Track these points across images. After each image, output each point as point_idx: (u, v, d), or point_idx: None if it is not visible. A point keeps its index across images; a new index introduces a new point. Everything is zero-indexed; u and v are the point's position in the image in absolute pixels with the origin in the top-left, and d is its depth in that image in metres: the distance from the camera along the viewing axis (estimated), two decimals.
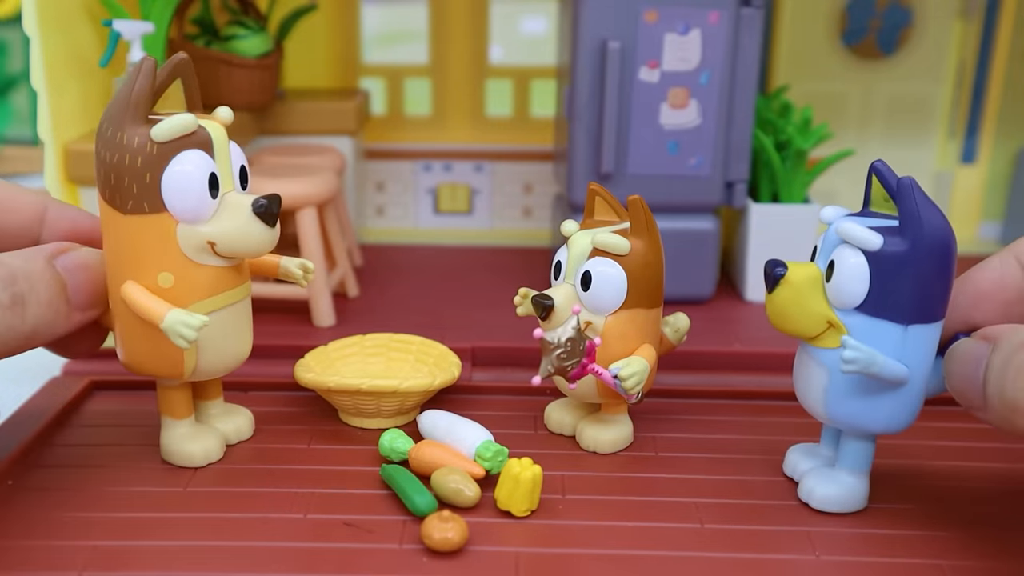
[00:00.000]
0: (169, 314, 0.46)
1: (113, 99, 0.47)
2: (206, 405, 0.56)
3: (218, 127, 0.49)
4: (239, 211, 0.48)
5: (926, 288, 0.45)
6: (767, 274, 0.48)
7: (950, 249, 0.45)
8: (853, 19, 0.89)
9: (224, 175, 0.48)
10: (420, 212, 0.97)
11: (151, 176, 0.46)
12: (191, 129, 0.46)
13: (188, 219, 0.47)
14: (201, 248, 0.48)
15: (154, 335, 0.48)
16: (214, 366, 0.51)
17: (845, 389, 0.48)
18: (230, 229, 0.47)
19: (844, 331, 0.47)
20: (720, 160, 0.74)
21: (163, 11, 0.70)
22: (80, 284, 0.49)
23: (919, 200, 0.45)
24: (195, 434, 0.53)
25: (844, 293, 0.46)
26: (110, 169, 0.46)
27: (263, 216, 0.47)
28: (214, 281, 0.49)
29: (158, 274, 0.47)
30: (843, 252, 0.46)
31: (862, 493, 0.50)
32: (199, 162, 0.47)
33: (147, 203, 0.46)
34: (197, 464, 0.53)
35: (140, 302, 0.47)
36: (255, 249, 0.48)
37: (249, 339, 0.53)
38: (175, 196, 0.46)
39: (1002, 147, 0.94)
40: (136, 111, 0.46)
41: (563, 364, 0.51)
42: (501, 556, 0.46)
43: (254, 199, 0.48)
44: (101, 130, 0.47)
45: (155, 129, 0.46)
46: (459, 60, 0.96)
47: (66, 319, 0.48)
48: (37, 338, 0.47)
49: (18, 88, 1.30)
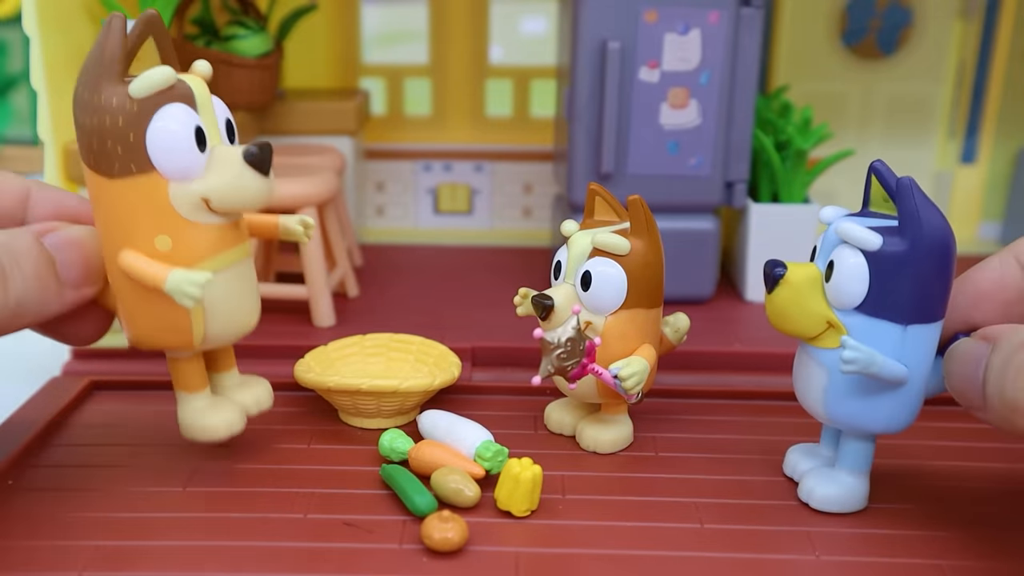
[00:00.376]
0: (171, 274, 0.44)
1: (85, 62, 0.45)
2: (221, 377, 0.53)
3: (198, 81, 0.47)
4: (230, 163, 0.46)
5: (925, 288, 0.45)
6: (766, 274, 0.48)
7: (949, 249, 0.45)
8: (853, 19, 0.89)
9: (210, 129, 0.46)
10: (420, 212, 0.97)
11: (135, 135, 0.44)
12: (170, 83, 0.45)
13: (178, 176, 0.45)
14: (196, 206, 0.46)
15: (159, 304, 0.46)
16: (223, 332, 0.49)
17: (845, 389, 0.48)
18: (223, 182, 0.46)
19: (844, 331, 0.47)
20: (720, 160, 0.74)
21: (163, 11, 0.70)
22: (71, 260, 0.47)
23: (918, 200, 0.45)
24: (214, 406, 0.51)
25: (843, 293, 0.46)
26: (91, 133, 0.45)
27: (255, 164, 0.46)
28: (213, 240, 0.47)
29: (155, 238, 0.46)
30: (842, 252, 0.46)
31: (862, 493, 0.50)
32: (183, 116, 0.45)
33: (134, 164, 0.45)
34: (220, 437, 0.50)
35: (140, 268, 0.45)
36: (251, 200, 0.47)
37: (256, 304, 0.51)
38: (162, 153, 0.45)
39: (1002, 147, 0.94)
40: (111, 70, 0.44)
41: (563, 364, 0.51)
42: (501, 556, 0.46)
43: (244, 148, 0.46)
44: (77, 95, 0.45)
45: (132, 85, 0.44)
46: (459, 60, 0.96)
47: (57, 296, 0.47)
48: (25, 315, 0.46)
49: (18, 88, 1.30)
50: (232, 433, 0.51)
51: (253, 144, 0.46)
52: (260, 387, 0.54)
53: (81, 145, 0.46)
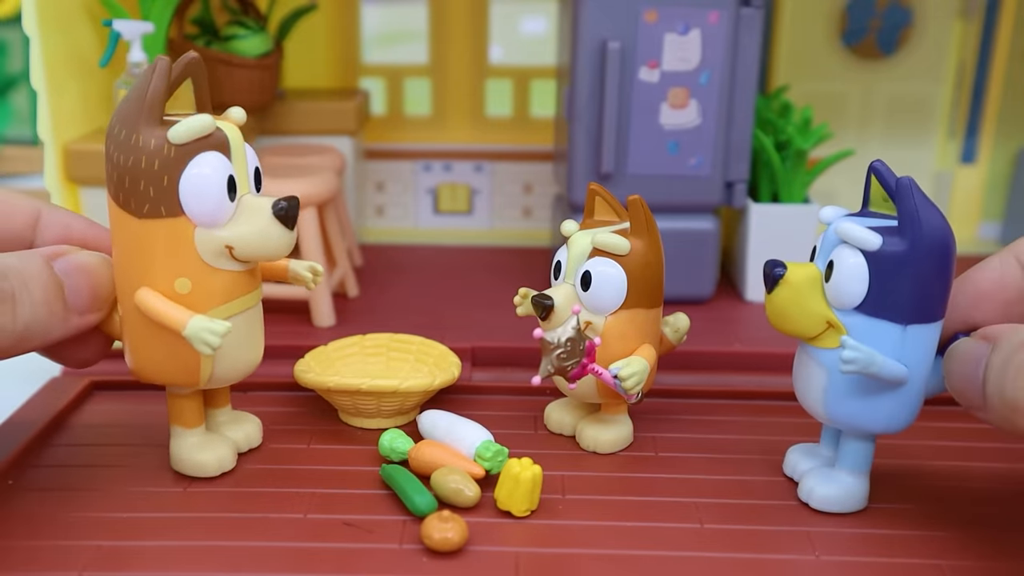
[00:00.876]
0: (192, 321, 0.45)
1: (125, 100, 0.46)
2: (214, 413, 0.55)
3: (233, 128, 0.48)
4: (259, 214, 0.47)
5: (925, 288, 0.45)
6: (766, 274, 0.48)
7: (949, 249, 0.45)
8: (853, 19, 0.89)
9: (241, 177, 0.47)
10: (420, 212, 0.97)
11: (168, 179, 0.45)
12: (209, 131, 0.46)
13: (206, 223, 0.46)
14: (219, 252, 0.47)
15: (169, 342, 0.47)
16: (229, 373, 0.50)
17: (844, 389, 0.48)
18: (249, 233, 0.46)
19: (843, 331, 0.47)
20: (720, 160, 0.74)
21: (163, 11, 0.70)
22: (79, 287, 0.48)
23: (918, 200, 0.45)
24: (207, 443, 0.52)
25: (843, 293, 0.46)
26: (124, 172, 0.45)
27: (283, 219, 0.47)
28: (231, 286, 0.48)
29: (175, 280, 0.46)
30: (842, 252, 0.46)
31: (862, 493, 0.50)
32: (217, 164, 0.46)
33: (164, 207, 0.45)
34: (210, 474, 0.52)
35: (159, 309, 0.46)
36: (274, 253, 0.47)
37: (261, 344, 0.52)
38: (193, 199, 0.45)
39: (1002, 147, 0.94)
40: (151, 112, 0.45)
41: (563, 364, 0.51)
42: (501, 556, 0.46)
43: (273, 201, 0.47)
44: (113, 133, 0.45)
45: (172, 131, 0.45)
46: (459, 60, 0.96)
47: (63, 322, 0.47)
48: (31, 339, 0.46)
49: (18, 88, 1.30)
50: (222, 470, 0.52)
51: (283, 199, 0.47)
52: (251, 425, 0.55)
53: (111, 181, 0.46)
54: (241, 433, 0.55)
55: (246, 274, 0.48)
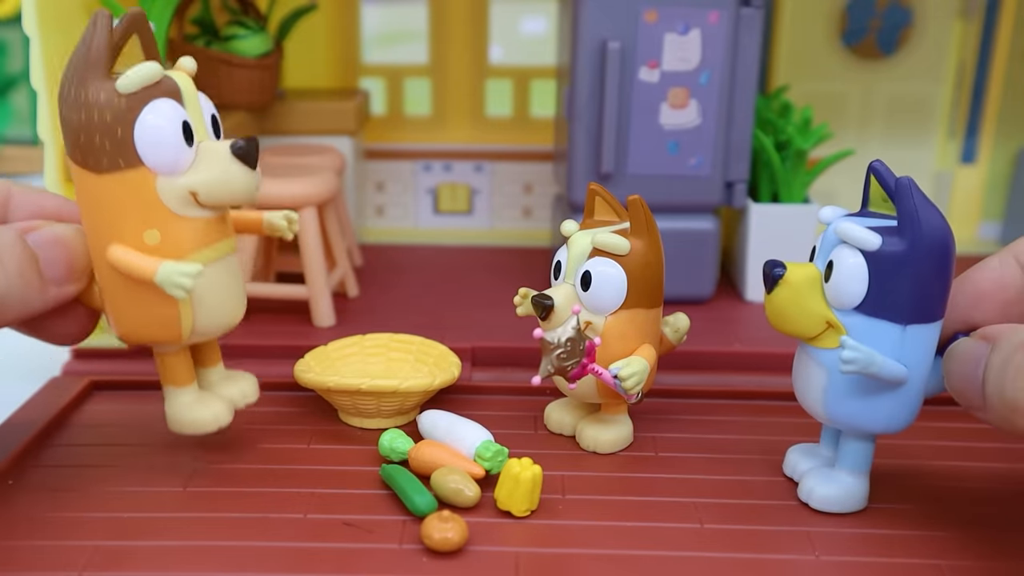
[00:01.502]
0: (162, 266, 0.45)
1: (70, 58, 0.45)
2: (207, 372, 0.54)
3: (184, 76, 0.47)
4: (218, 157, 0.46)
5: (925, 288, 0.45)
6: (766, 274, 0.48)
7: (949, 249, 0.45)
8: (853, 19, 0.89)
9: (197, 124, 0.47)
10: (420, 212, 0.97)
11: (122, 130, 0.45)
12: (157, 78, 0.45)
13: (167, 171, 0.46)
14: (184, 200, 0.46)
15: (148, 298, 0.47)
16: (210, 325, 0.49)
17: (844, 389, 0.48)
18: (212, 176, 0.46)
19: (843, 331, 0.47)
20: (720, 160, 0.74)
21: (163, 11, 0.70)
22: (54, 257, 0.47)
23: (917, 200, 0.45)
24: (201, 399, 0.51)
25: (843, 293, 0.46)
26: (78, 129, 0.45)
27: (243, 157, 0.46)
28: (200, 234, 0.47)
29: (143, 232, 0.46)
30: (842, 252, 0.46)
31: (862, 493, 0.50)
32: (170, 111, 0.45)
33: (122, 159, 0.45)
34: (208, 430, 0.51)
35: (130, 262, 0.46)
36: (239, 194, 0.47)
37: (243, 298, 0.51)
38: (150, 148, 0.45)
39: (1002, 147, 0.94)
40: (97, 66, 0.44)
41: (563, 364, 0.51)
42: (501, 556, 0.46)
43: (231, 142, 0.47)
44: (63, 92, 0.45)
45: (120, 80, 0.44)
46: (459, 60, 0.96)
47: (40, 292, 0.47)
48: (7, 311, 0.46)
49: (18, 88, 1.30)
50: (220, 426, 0.51)
51: (240, 138, 0.47)
52: (245, 381, 0.55)
53: (67, 141, 0.46)
54: (236, 389, 0.54)
55: (216, 221, 0.48)
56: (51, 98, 0.64)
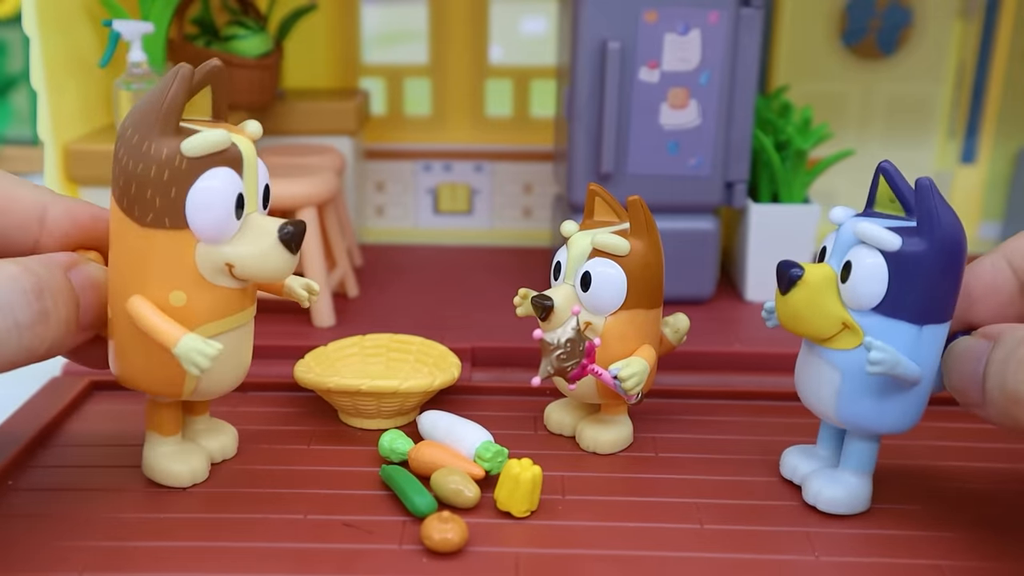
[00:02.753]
0: (184, 339, 0.44)
1: (142, 104, 0.44)
2: (192, 420, 0.53)
3: (247, 143, 0.46)
4: (264, 235, 0.45)
5: (941, 288, 0.45)
6: (782, 275, 0.47)
7: (963, 249, 0.45)
8: (853, 19, 0.89)
9: (250, 196, 0.46)
10: (420, 212, 0.97)
11: (177, 191, 0.43)
12: (225, 146, 0.44)
13: (210, 239, 0.44)
14: (219, 269, 0.45)
15: (156, 352, 0.45)
16: (213, 387, 0.49)
17: (859, 390, 0.47)
18: (252, 253, 0.45)
19: (859, 332, 0.46)
20: (720, 160, 0.74)
21: (163, 11, 0.70)
22: (91, 303, 0.46)
23: (937, 200, 0.45)
24: (181, 453, 0.51)
25: (862, 294, 0.46)
26: (132, 178, 0.44)
27: (288, 243, 0.45)
28: (225, 303, 0.46)
29: (170, 292, 0.45)
30: (860, 252, 0.46)
31: (867, 494, 0.50)
32: (228, 181, 0.44)
33: (168, 218, 0.44)
34: (183, 485, 0.51)
35: (151, 321, 0.44)
36: (274, 274, 0.46)
37: (248, 360, 0.50)
38: (200, 214, 0.44)
39: (1002, 147, 0.94)
40: (167, 121, 0.43)
41: (563, 365, 0.51)
42: (501, 557, 0.46)
43: (280, 224, 0.45)
44: (125, 136, 0.44)
45: (186, 143, 0.43)
46: (459, 60, 0.96)
47: (73, 337, 0.46)
48: (47, 356, 0.45)
49: (18, 88, 1.30)
50: (195, 482, 0.51)
51: (289, 223, 0.45)
52: (227, 436, 0.54)
53: (117, 184, 0.45)
54: (217, 443, 0.53)
55: (241, 292, 0.47)
56: (51, 98, 0.64)
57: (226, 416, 0.56)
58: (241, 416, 0.59)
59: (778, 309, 0.49)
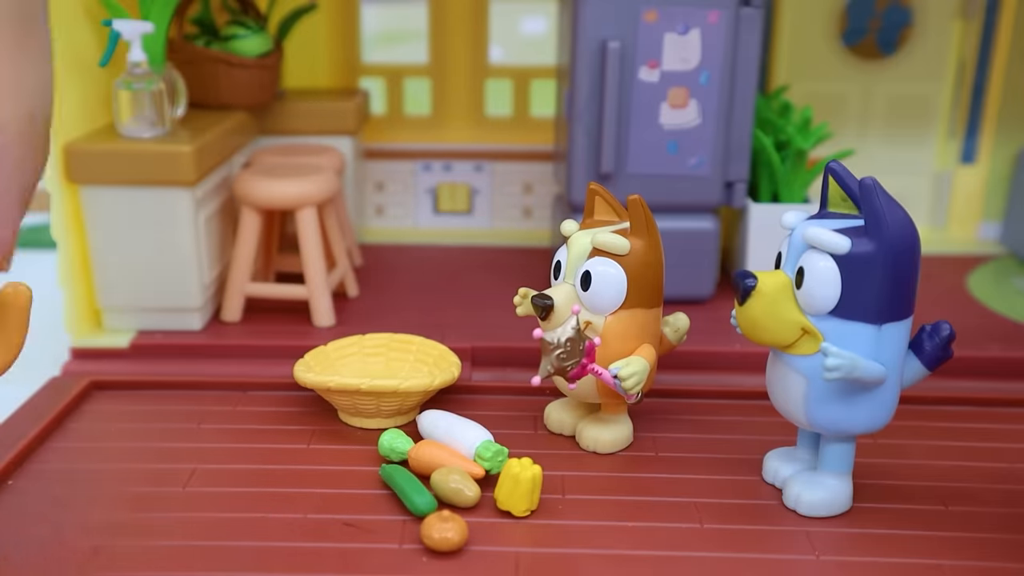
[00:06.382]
0: None
1: None
2: None
3: None
4: None
5: (896, 286, 0.45)
6: (736, 286, 0.47)
7: (916, 245, 0.45)
8: (853, 19, 0.89)
9: None
10: (420, 212, 0.97)
11: None
12: None
13: None
14: None
15: None
16: None
17: (825, 394, 0.47)
18: None
19: (819, 337, 0.46)
20: (720, 160, 0.74)
21: (163, 11, 0.70)
22: None
23: (882, 199, 0.45)
24: None
25: (816, 299, 0.46)
26: None
27: None
28: None
29: None
30: (811, 257, 0.46)
31: (847, 495, 0.50)
32: None
33: None
34: None
35: None
36: None
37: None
38: None
39: (1002, 147, 0.94)
40: None
41: (563, 364, 0.51)
42: (501, 556, 0.46)
43: None
44: None
45: None
46: (459, 60, 0.96)
47: None
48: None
49: None
50: None
51: None
52: None
53: None
54: None
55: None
56: None
57: (226, 416, 0.57)
58: (241, 416, 0.59)
59: (738, 319, 0.48)
